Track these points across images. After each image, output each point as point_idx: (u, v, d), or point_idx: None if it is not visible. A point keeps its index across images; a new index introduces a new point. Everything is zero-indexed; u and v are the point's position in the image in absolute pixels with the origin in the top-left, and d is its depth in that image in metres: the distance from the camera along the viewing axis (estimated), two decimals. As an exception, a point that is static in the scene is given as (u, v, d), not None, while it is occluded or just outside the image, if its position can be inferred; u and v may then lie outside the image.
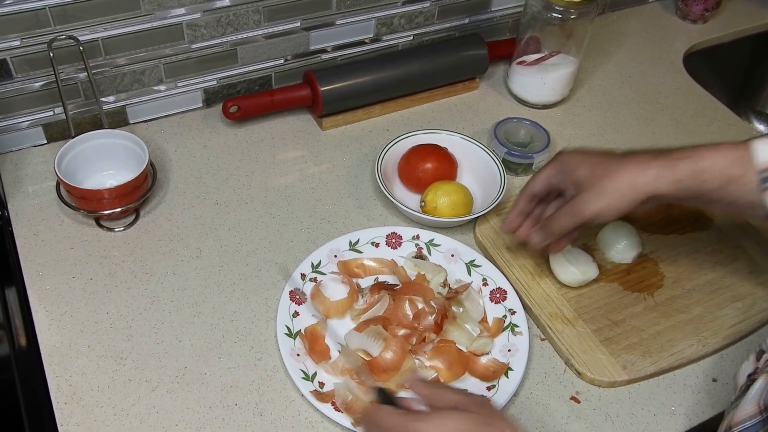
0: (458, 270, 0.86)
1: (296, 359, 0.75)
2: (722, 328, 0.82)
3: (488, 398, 0.67)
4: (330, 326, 0.79)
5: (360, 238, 0.87)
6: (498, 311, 0.82)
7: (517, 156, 0.98)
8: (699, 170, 0.68)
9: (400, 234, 0.88)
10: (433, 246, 0.87)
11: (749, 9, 1.37)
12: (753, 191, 0.68)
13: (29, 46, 0.87)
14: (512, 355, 0.78)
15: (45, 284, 0.82)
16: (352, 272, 0.85)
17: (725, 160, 0.68)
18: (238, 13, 0.97)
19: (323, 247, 0.85)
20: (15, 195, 0.91)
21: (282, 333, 0.77)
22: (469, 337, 0.79)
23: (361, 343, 0.77)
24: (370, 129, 1.06)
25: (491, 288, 0.84)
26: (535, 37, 1.07)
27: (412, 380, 0.63)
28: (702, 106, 1.16)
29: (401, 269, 0.85)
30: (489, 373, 0.77)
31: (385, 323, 0.78)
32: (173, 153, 0.99)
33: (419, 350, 0.77)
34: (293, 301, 0.80)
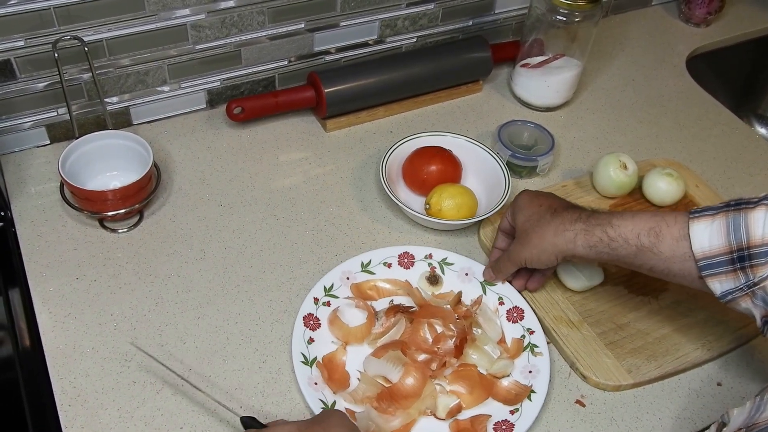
0: (472, 289, 0.84)
1: (314, 388, 0.73)
2: (727, 332, 0.82)
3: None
4: (348, 353, 0.78)
5: (372, 259, 0.85)
6: (516, 331, 0.81)
7: (522, 158, 0.98)
8: (609, 239, 0.72)
9: (413, 253, 0.86)
10: (446, 265, 0.86)
11: (752, 12, 1.37)
12: (668, 261, 0.70)
13: (33, 47, 0.87)
14: (534, 377, 0.76)
15: (48, 285, 0.82)
16: (365, 295, 0.83)
17: (636, 230, 0.71)
18: (242, 14, 0.96)
19: (335, 270, 0.83)
20: (18, 196, 0.90)
21: (298, 361, 0.75)
22: (490, 359, 0.78)
23: (381, 369, 0.75)
24: (374, 131, 1.06)
25: (508, 307, 0.82)
26: (539, 40, 1.07)
27: None
28: (705, 109, 1.16)
29: (416, 291, 0.83)
30: (511, 397, 0.75)
31: (403, 347, 0.77)
32: (177, 154, 0.98)
33: (439, 375, 0.76)
34: (307, 326, 0.78)
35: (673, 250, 0.70)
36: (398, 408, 0.73)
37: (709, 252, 0.68)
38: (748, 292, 0.67)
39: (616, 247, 0.72)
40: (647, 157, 1.04)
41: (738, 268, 0.67)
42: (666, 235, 0.70)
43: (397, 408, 0.73)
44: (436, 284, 0.85)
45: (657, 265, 0.71)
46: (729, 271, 0.68)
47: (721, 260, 0.68)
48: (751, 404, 0.63)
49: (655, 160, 1.03)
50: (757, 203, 0.68)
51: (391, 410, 0.72)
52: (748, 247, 0.66)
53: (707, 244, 0.68)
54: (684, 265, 0.70)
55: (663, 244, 0.70)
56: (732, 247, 0.67)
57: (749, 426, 0.61)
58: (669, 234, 0.70)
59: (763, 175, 1.05)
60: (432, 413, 0.74)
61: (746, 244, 0.66)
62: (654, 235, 0.70)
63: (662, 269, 0.71)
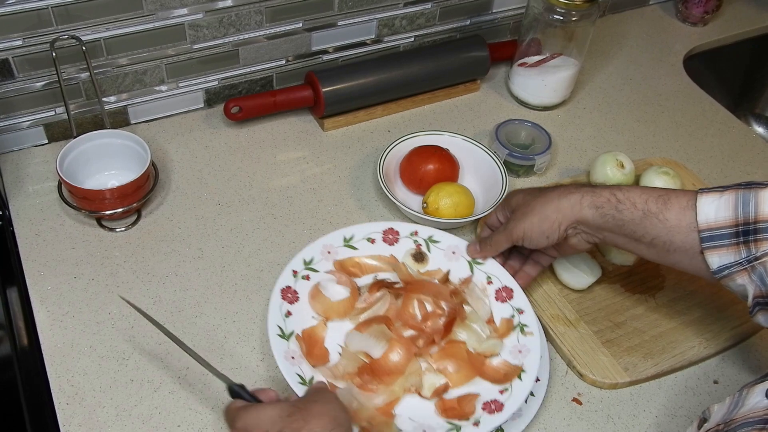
0: (460, 268, 0.82)
1: (291, 362, 0.70)
2: (723, 330, 0.83)
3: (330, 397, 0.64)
4: (329, 328, 0.76)
5: (354, 234, 0.82)
6: (505, 311, 0.79)
7: (519, 157, 0.98)
8: (617, 200, 0.72)
9: (398, 230, 0.83)
10: (432, 243, 0.83)
11: (749, 12, 1.37)
12: (672, 231, 0.70)
13: (31, 46, 0.87)
14: (524, 357, 0.74)
15: (47, 284, 0.82)
16: (348, 271, 0.80)
17: (645, 196, 0.71)
18: (240, 13, 0.97)
19: (316, 243, 0.80)
20: (16, 195, 0.91)
21: (274, 334, 0.72)
22: (479, 338, 0.76)
23: (363, 344, 0.74)
24: (372, 130, 1.06)
25: (496, 287, 0.80)
26: (536, 39, 1.07)
27: None
28: (702, 108, 1.17)
29: (402, 266, 0.81)
30: (500, 376, 0.73)
31: (388, 323, 0.75)
32: (174, 153, 0.98)
33: (426, 353, 0.74)
34: (285, 299, 0.76)
35: (679, 218, 0.69)
36: (380, 384, 0.70)
37: (714, 224, 0.68)
38: (748, 267, 0.67)
39: (623, 209, 0.71)
40: (644, 156, 1.04)
41: (741, 242, 0.67)
42: (674, 203, 0.69)
43: (380, 384, 0.70)
44: (421, 262, 0.82)
45: (660, 235, 0.70)
46: (731, 245, 0.67)
47: (724, 233, 0.67)
48: (731, 400, 0.63)
49: (652, 158, 1.03)
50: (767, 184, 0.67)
51: (372, 386, 0.70)
52: (755, 221, 0.66)
53: (713, 216, 0.68)
54: (687, 236, 0.69)
55: (670, 211, 0.69)
56: (738, 220, 0.67)
57: (727, 422, 0.61)
58: (677, 202, 0.69)
59: (760, 173, 1.06)
60: (417, 391, 0.72)
61: (753, 218, 0.66)
62: (662, 201, 0.70)
63: (665, 240, 0.70)
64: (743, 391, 0.63)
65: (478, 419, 0.69)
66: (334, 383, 0.70)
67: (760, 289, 0.67)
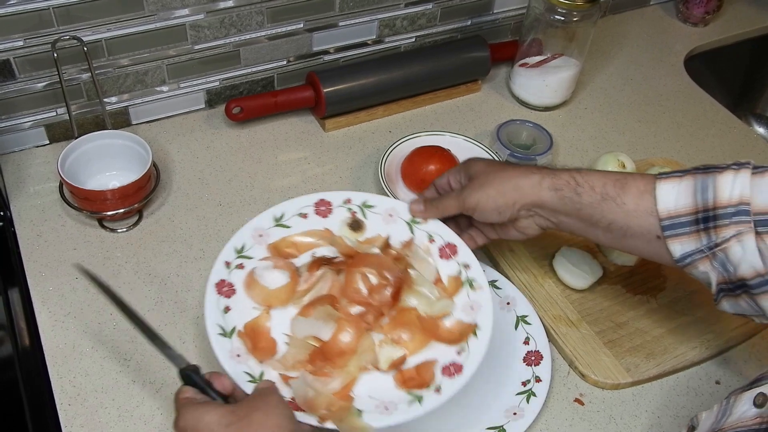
0: (399, 231, 0.78)
1: (237, 361, 0.66)
2: (725, 330, 0.83)
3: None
4: (272, 317, 0.72)
5: (285, 212, 0.78)
6: (451, 268, 0.76)
7: (520, 158, 0.98)
8: (576, 183, 0.71)
9: (329, 200, 0.79)
10: (367, 208, 0.79)
11: (749, 12, 1.37)
12: (629, 215, 0.69)
13: (33, 47, 0.87)
14: (476, 313, 0.72)
15: (48, 285, 0.82)
16: (284, 254, 0.76)
17: (603, 180, 0.70)
18: (241, 14, 0.97)
19: (245, 228, 0.76)
20: (17, 196, 0.90)
21: (215, 334, 0.67)
22: (428, 301, 0.73)
23: (310, 328, 0.70)
24: (373, 130, 1.06)
25: (439, 244, 0.77)
26: (537, 40, 1.07)
27: None
28: (703, 108, 1.17)
29: (339, 239, 0.77)
30: (455, 336, 0.71)
31: (333, 302, 0.72)
32: (176, 154, 0.98)
33: (376, 326, 0.71)
34: (221, 294, 0.71)
35: (637, 203, 0.68)
36: (335, 367, 0.68)
37: (674, 212, 0.67)
38: (709, 254, 0.66)
39: (581, 192, 0.70)
40: (645, 157, 1.04)
41: (701, 229, 0.66)
42: (631, 187, 0.69)
43: (334, 367, 0.67)
44: (359, 230, 0.79)
45: (617, 219, 0.69)
46: (692, 232, 0.66)
47: (684, 220, 0.66)
48: (718, 408, 0.62)
49: (653, 159, 1.03)
50: (726, 168, 0.67)
51: (326, 370, 0.67)
52: (714, 207, 0.65)
53: (673, 203, 0.67)
54: (645, 221, 0.68)
55: (627, 195, 0.69)
56: (698, 207, 0.66)
57: (716, 431, 0.60)
58: (635, 186, 0.69)
59: (761, 174, 1.05)
60: (374, 366, 0.69)
61: (712, 204, 0.65)
62: (620, 185, 0.69)
63: (622, 225, 0.69)
64: (731, 398, 0.62)
65: (439, 385, 0.67)
66: (286, 374, 0.67)
67: (723, 276, 0.67)
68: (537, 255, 0.88)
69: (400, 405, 0.66)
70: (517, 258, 0.88)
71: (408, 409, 0.65)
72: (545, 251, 0.89)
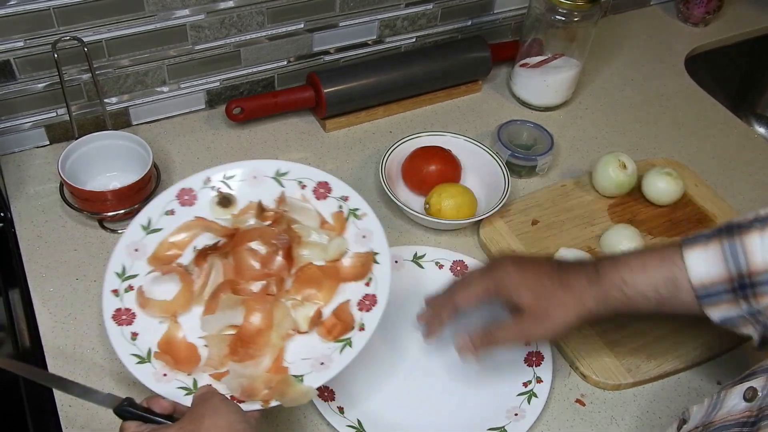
0: (268, 190, 0.77)
1: (166, 380, 0.66)
2: (726, 331, 0.82)
3: None
4: (182, 325, 0.71)
5: (150, 217, 0.75)
6: (331, 205, 0.77)
7: (521, 158, 0.98)
8: (627, 298, 0.69)
9: (190, 187, 0.77)
10: (229, 179, 0.78)
11: (750, 12, 1.37)
12: (687, 305, 0.68)
13: (33, 47, 0.87)
14: (369, 240, 0.73)
15: (48, 286, 0.82)
16: (167, 258, 0.74)
17: (653, 284, 0.68)
18: (241, 14, 0.96)
19: (118, 248, 0.73)
20: (18, 196, 0.90)
21: (133, 364, 0.66)
22: (322, 247, 0.74)
23: (221, 322, 0.69)
24: (374, 131, 1.06)
25: (311, 187, 0.78)
26: (538, 40, 1.07)
27: None
28: (703, 108, 1.17)
29: (213, 223, 0.76)
30: (359, 270, 0.72)
31: (232, 287, 0.71)
32: (176, 154, 0.98)
33: (282, 292, 0.72)
34: (122, 324, 0.69)
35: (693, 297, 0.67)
36: (258, 347, 0.68)
37: (708, 281, 0.66)
38: (751, 319, 0.66)
39: (635, 304, 0.69)
40: (646, 157, 1.04)
41: (740, 297, 0.65)
42: (683, 282, 0.67)
43: (258, 347, 0.68)
44: (229, 205, 0.77)
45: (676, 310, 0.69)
46: (730, 300, 0.66)
47: (720, 289, 0.66)
48: (709, 401, 0.63)
49: (654, 159, 1.03)
50: (749, 226, 0.65)
51: (251, 352, 0.67)
52: (749, 274, 0.64)
53: (705, 273, 0.66)
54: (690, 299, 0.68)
55: (682, 292, 0.67)
56: (732, 275, 0.65)
57: (706, 424, 0.61)
58: (684, 279, 0.67)
59: (762, 173, 1.06)
60: (296, 331, 0.70)
61: (747, 271, 0.64)
62: (672, 285, 0.67)
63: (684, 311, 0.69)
64: (721, 392, 0.62)
65: (362, 323, 0.69)
66: (218, 373, 0.67)
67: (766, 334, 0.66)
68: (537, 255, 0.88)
69: (334, 355, 0.67)
70: (518, 258, 0.88)
71: (341, 356, 0.67)
72: (545, 252, 0.89)
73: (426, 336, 0.77)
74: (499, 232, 0.91)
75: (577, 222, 0.94)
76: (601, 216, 0.95)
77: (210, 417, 0.58)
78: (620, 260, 0.71)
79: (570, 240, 0.91)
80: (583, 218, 0.94)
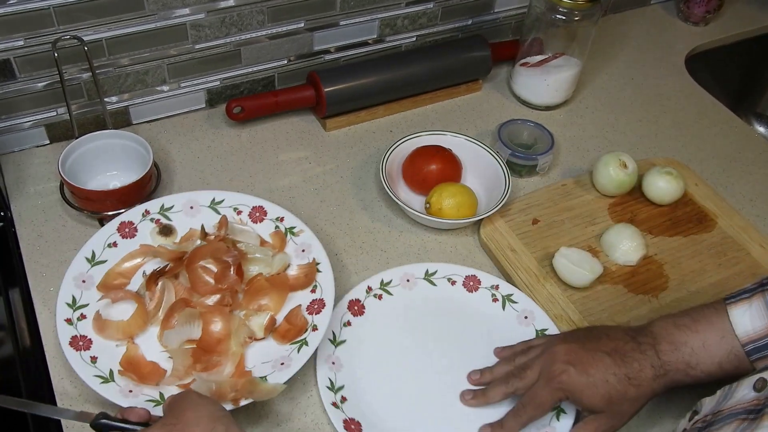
0: (206, 218, 0.83)
1: (132, 396, 0.68)
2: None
3: None
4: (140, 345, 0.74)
5: (94, 249, 0.79)
6: (268, 227, 0.83)
7: (521, 157, 0.98)
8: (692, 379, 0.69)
9: (130, 220, 0.81)
10: (167, 211, 0.83)
11: (750, 11, 1.37)
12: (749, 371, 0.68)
13: (33, 46, 0.87)
14: (309, 252, 0.80)
15: (49, 285, 0.82)
16: (115, 286, 0.77)
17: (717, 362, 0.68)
18: (242, 13, 0.96)
19: (65, 281, 0.76)
20: (18, 196, 0.90)
21: (98, 384, 0.68)
22: (267, 262, 0.79)
23: (180, 335, 0.73)
24: (374, 130, 1.06)
25: (246, 212, 0.84)
26: (538, 39, 1.07)
27: None
28: (704, 108, 1.16)
29: (160, 248, 0.80)
30: (303, 280, 0.79)
31: (187, 304, 0.75)
32: (176, 154, 0.98)
33: (236, 304, 0.77)
34: (80, 349, 0.71)
35: None
36: (220, 355, 0.72)
37: (755, 335, 0.67)
38: None
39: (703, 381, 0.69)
40: (647, 156, 1.04)
41: None
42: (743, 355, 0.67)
43: (219, 355, 0.72)
44: (170, 234, 0.82)
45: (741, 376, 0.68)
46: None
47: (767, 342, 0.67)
48: (721, 393, 0.64)
49: (654, 158, 1.03)
50: None
51: (215, 361, 0.72)
52: None
53: (750, 327, 0.67)
54: None
55: (745, 362, 0.68)
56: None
57: (715, 413, 0.62)
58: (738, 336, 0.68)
59: (762, 173, 1.06)
60: (253, 338, 0.75)
61: None
62: (735, 358, 0.68)
63: None
64: (733, 384, 0.63)
65: (314, 324, 0.75)
66: (183, 383, 0.71)
67: None
68: (538, 255, 0.88)
69: (292, 354, 0.73)
70: (519, 258, 0.88)
71: (299, 354, 0.72)
72: (546, 251, 0.89)
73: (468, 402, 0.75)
74: (499, 232, 0.91)
75: (578, 221, 0.94)
76: (602, 215, 0.95)
77: (191, 410, 0.59)
78: (679, 341, 0.69)
79: (570, 239, 0.91)
80: (583, 217, 0.94)
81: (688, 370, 0.69)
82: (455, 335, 0.81)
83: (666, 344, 0.69)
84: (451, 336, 0.81)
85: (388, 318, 0.81)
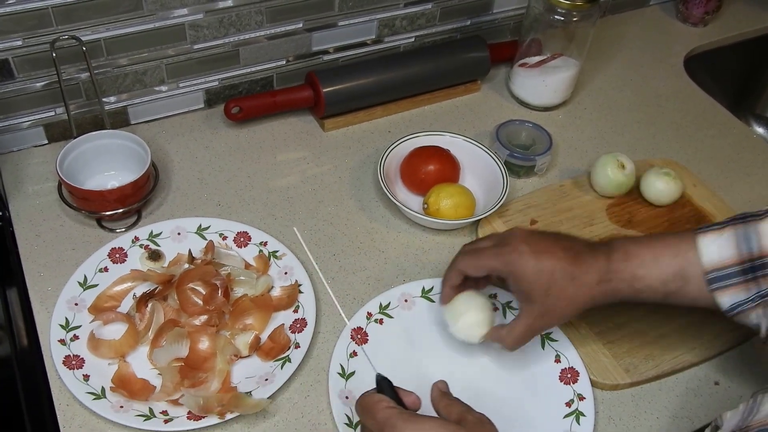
0: (193, 242, 0.86)
1: (123, 411, 0.70)
2: (724, 331, 0.83)
3: (488, 419, 0.61)
4: (131, 364, 0.76)
5: (86, 274, 0.81)
6: (252, 251, 0.86)
7: (520, 158, 0.98)
8: (636, 292, 0.70)
9: (120, 246, 0.84)
10: (156, 238, 0.85)
11: (749, 12, 1.37)
12: (693, 297, 0.69)
13: (31, 46, 0.87)
14: (291, 275, 0.83)
15: (47, 285, 0.82)
16: (106, 308, 0.80)
17: (663, 278, 0.69)
18: (240, 13, 0.96)
19: (59, 304, 0.78)
20: (16, 196, 0.90)
21: (91, 400, 0.70)
22: (251, 284, 0.82)
23: (169, 354, 0.75)
24: (372, 130, 1.06)
25: (231, 237, 0.86)
26: (537, 40, 1.07)
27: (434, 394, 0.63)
28: (702, 109, 1.17)
29: (150, 272, 0.82)
30: (286, 301, 0.81)
31: (175, 325, 0.77)
32: (175, 154, 0.98)
33: (222, 323, 0.79)
34: (72, 368, 0.73)
35: (700, 289, 0.68)
36: (206, 372, 0.74)
37: (719, 263, 0.67)
38: (760, 302, 0.66)
39: (641, 296, 0.71)
40: (645, 157, 1.04)
41: (750, 279, 0.66)
42: (692, 276, 0.68)
43: (205, 372, 0.74)
44: (159, 259, 0.84)
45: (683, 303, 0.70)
46: (740, 282, 0.67)
47: (731, 271, 0.67)
48: (744, 406, 0.63)
49: (652, 159, 1.03)
50: (764, 215, 0.67)
51: (201, 377, 0.74)
52: (760, 256, 0.66)
53: (717, 256, 0.67)
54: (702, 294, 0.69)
55: (690, 285, 0.68)
56: (743, 257, 0.66)
57: (742, 428, 0.61)
58: (695, 273, 0.68)
59: (761, 174, 1.06)
60: (238, 356, 0.77)
61: (758, 253, 0.66)
62: (681, 278, 0.69)
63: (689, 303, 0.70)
64: (757, 397, 0.62)
65: (296, 342, 0.77)
66: (172, 399, 0.73)
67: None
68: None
69: (276, 371, 0.75)
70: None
71: (283, 371, 0.75)
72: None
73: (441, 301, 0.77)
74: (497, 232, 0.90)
75: (576, 222, 0.94)
76: (600, 216, 0.95)
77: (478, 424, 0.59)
78: (632, 253, 0.70)
79: (568, 240, 0.91)
80: (581, 218, 0.94)
81: (633, 282, 0.70)
82: (458, 347, 0.80)
83: (619, 254, 0.71)
84: (453, 348, 0.80)
85: (391, 342, 0.80)
